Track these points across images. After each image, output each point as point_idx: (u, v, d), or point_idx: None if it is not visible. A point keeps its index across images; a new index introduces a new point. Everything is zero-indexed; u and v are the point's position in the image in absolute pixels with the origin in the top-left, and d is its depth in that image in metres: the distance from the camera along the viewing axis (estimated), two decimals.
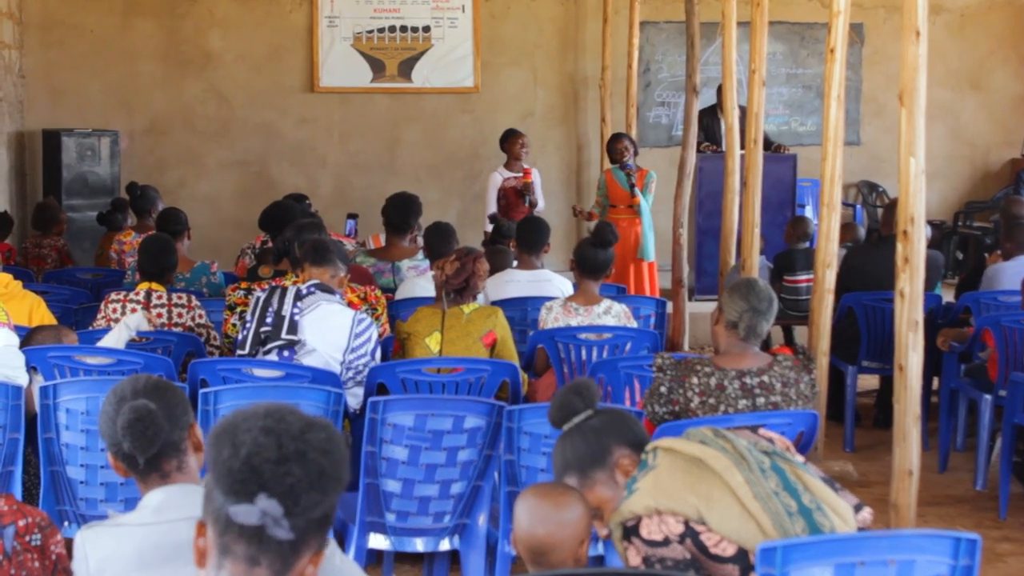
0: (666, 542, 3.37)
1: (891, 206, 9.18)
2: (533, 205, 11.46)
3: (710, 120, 12.56)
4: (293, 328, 5.94)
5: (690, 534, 3.35)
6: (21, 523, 3.36)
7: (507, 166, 11.71)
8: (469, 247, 6.60)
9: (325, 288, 6.10)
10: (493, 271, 7.51)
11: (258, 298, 6.10)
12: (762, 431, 3.76)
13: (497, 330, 6.44)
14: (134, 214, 10.43)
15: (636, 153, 11.69)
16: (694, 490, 3.40)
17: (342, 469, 2.38)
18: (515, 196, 11.52)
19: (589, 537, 3.52)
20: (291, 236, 6.91)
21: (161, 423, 3.19)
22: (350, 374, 6.02)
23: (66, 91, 13.90)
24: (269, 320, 5.98)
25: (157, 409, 3.20)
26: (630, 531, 3.41)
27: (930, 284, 8.10)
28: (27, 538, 3.36)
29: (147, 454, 3.19)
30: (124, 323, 6.22)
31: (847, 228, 9.43)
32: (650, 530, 3.38)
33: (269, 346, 5.95)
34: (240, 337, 6.10)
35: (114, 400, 3.27)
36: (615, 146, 11.61)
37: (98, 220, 11.29)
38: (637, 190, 11.28)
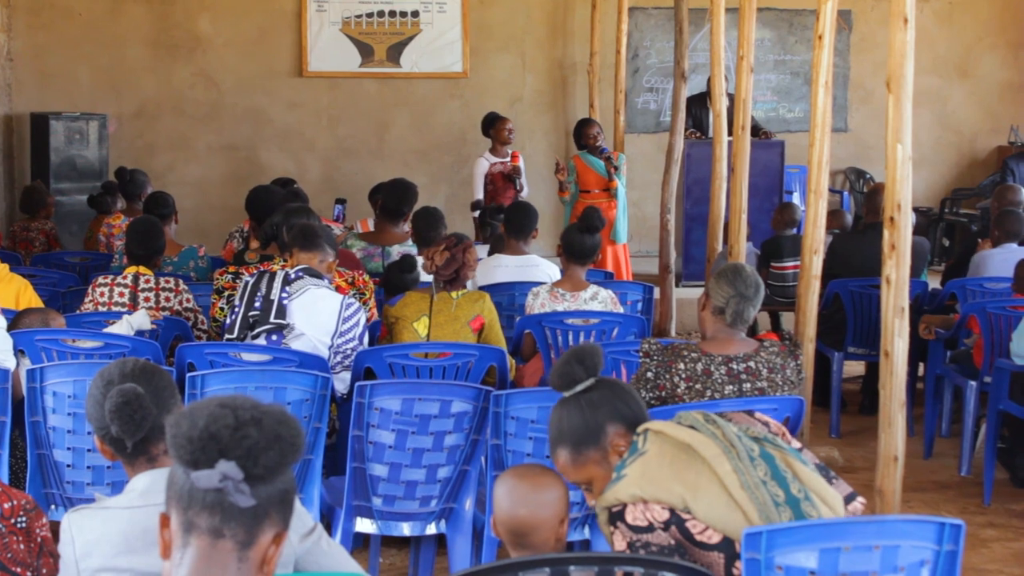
0: (651, 528, 3.38)
1: (873, 193, 9.20)
2: (520, 190, 11.44)
3: (699, 108, 12.57)
4: (281, 312, 5.96)
5: (675, 521, 3.36)
6: (6, 505, 3.36)
7: (492, 151, 11.67)
8: (458, 235, 6.58)
9: (313, 273, 6.11)
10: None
11: (247, 282, 6.11)
12: (758, 415, 3.76)
13: (485, 315, 6.45)
14: (124, 198, 10.42)
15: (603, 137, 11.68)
16: (681, 479, 3.39)
17: (298, 437, 2.44)
18: (503, 181, 11.51)
19: (568, 516, 3.54)
20: (279, 220, 6.91)
21: (149, 407, 3.20)
22: (338, 359, 6.03)
23: (55, 74, 13.86)
24: (258, 304, 5.99)
25: (145, 393, 3.20)
26: (615, 516, 3.43)
27: (916, 271, 8.12)
28: (12, 520, 3.36)
29: (135, 438, 3.20)
30: (127, 321, 6.23)
31: (833, 215, 9.44)
32: (635, 516, 3.39)
33: (257, 330, 5.97)
34: (228, 321, 6.11)
35: (101, 384, 3.27)
36: (587, 131, 11.54)
37: (88, 203, 11.29)
38: (616, 175, 11.24)
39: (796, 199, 12.75)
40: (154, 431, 3.21)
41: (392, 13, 14.32)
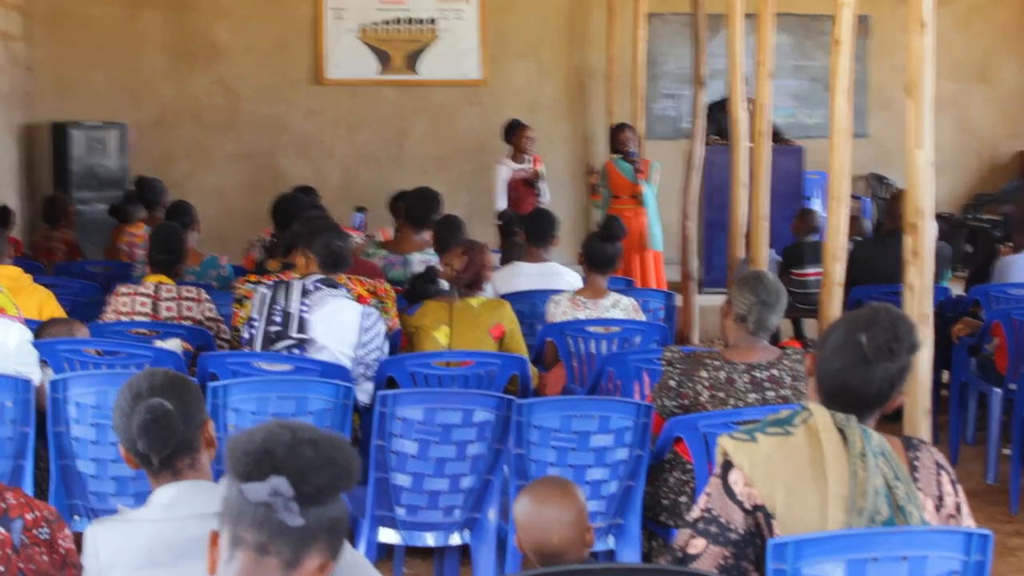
0: (740, 503, 3.28)
1: (894, 198, 9.18)
2: (541, 195, 11.47)
3: (721, 114, 12.54)
4: (303, 326, 5.92)
5: (764, 513, 3.27)
6: (29, 517, 3.36)
7: (513, 158, 11.70)
8: (471, 240, 6.62)
9: (331, 283, 6.09)
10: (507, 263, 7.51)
11: (264, 295, 6.05)
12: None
13: (505, 323, 6.44)
14: (145, 207, 10.44)
15: (638, 143, 11.70)
16: (791, 491, 3.25)
17: (353, 464, 2.44)
18: (524, 187, 11.52)
19: (591, 525, 3.54)
20: (300, 229, 6.89)
21: (176, 424, 3.17)
22: (360, 369, 6.01)
23: (74, 84, 13.90)
24: (277, 319, 5.95)
25: (173, 409, 3.17)
26: (725, 466, 3.32)
27: (937, 276, 8.09)
28: (35, 532, 3.35)
29: (162, 454, 3.17)
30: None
31: (852, 221, 9.41)
32: (735, 480, 3.31)
33: (279, 345, 5.93)
34: (247, 336, 6.07)
35: (129, 396, 3.22)
36: (618, 136, 11.63)
37: (110, 212, 11.30)
38: (640, 178, 11.27)
39: (817, 205, 12.72)
40: (181, 446, 3.19)
41: (409, 20, 14.33)
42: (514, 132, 11.80)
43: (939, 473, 3.40)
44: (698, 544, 3.28)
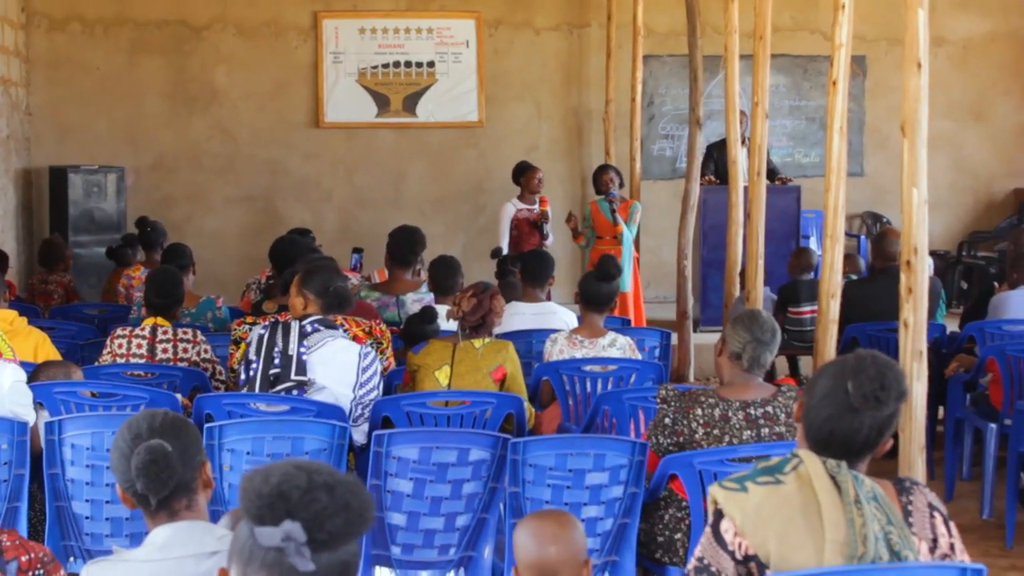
0: (732, 553, 3.27)
1: (881, 238, 9.22)
2: (546, 237, 11.54)
3: (721, 154, 12.59)
4: (302, 368, 5.89)
5: (757, 563, 3.27)
6: (24, 559, 3.36)
7: (520, 198, 11.79)
8: (485, 283, 6.58)
9: (328, 324, 6.08)
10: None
11: (260, 336, 6.03)
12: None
13: (507, 365, 6.41)
14: (144, 249, 10.46)
15: (622, 184, 11.78)
16: (783, 540, 3.23)
17: (368, 510, 2.41)
18: (528, 228, 11.59)
19: (590, 560, 3.54)
20: (301, 270, 6.89)
21: (175, 466, 3.17)
22: (359, 410, 5.99)
23: (73, 128, 13.96)
24: (277, 360, 5.93)
25: (172, 451, 3.17)
26: (717, 515, 3.32)
27: (931, 312, 8.11)
28: (30, 574, 3.36)
29: (160, 496, 3.17)
30: None
31: (847, 260, 9.45)
32: (726, 528, 3.30)
33: (279, 387, 5.91)
34: (244, 377, 6.05)
35: (129, 437, 3.22)
36: (601, 177, 11.73)
37: (107, 254, 11.33)
38: (619, 218, 11.35)
39: (813, 244, 12.75)
40: (179, 487, 3.19)
41: (408, 64, 14.40)
42: (523, 174, 11.89)
43: (932, 515, 3.39)
44: None
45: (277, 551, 2.35)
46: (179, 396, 6.29)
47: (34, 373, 6.03)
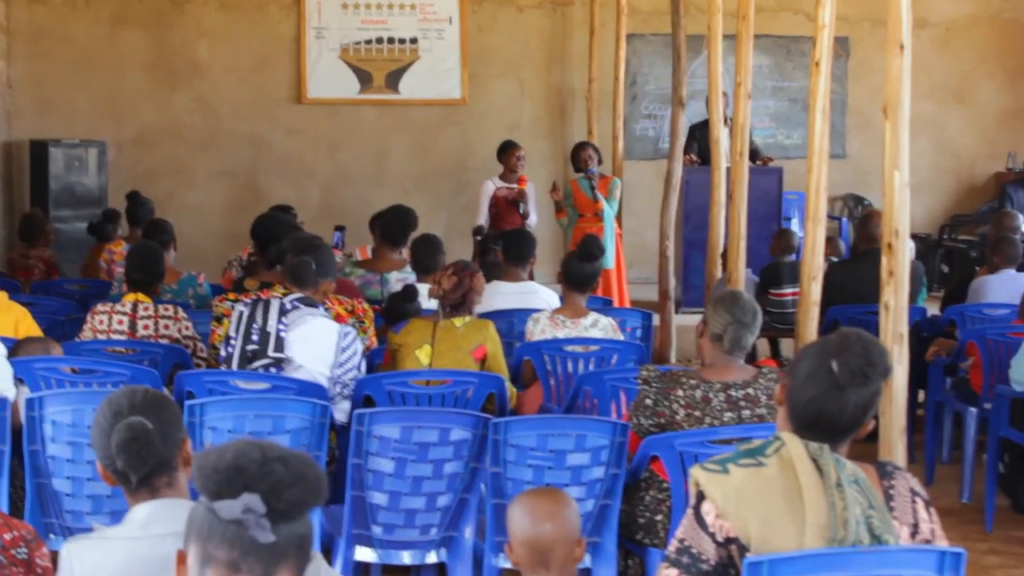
0: (712, 535, 3.27)
1: (865, 219, 9.23)
2: (525, 216, 11.52)
3: (704, 134, 12.58)
4: (280, 345, 5.91)
5: (739, 546, 3.27)
6: (7, 536, 3.35)
7: (501, 176, 11.78)
8: (465, 261, 6.59)
9: (309, 302, 6.08)
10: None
11: (241, 313, 6.03)
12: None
13: (488, 344, 6.42)
14: (129, 223, 10.42)
15: (600, 161, 11.75)
16: (764, 522, 3.22)
17: (322, 481, 2.46)
18: (506, 206, 11.58)
19: (583, 539, 3.55)
20: (288, 246, 6.86)
21: (156, 443, 3.16)
22: (338, 389, 6.01)
23: (53, 101, 13.89)
24: (255, 337, 5.94)
25: (153, 428, 3.16)
26: (699, 496, 3.30)
27: (912, 295, 8.12)
28: (13, 551, 3.35)
29: (140, 473, 3.17)
30: None
31: (828, 243, 9.45)
32: (707, 510, 3.30)
33: (256, 364, 5.92)
34: (224, 354, 6.06)
35: (109, 413, 3.21)
36: (579, 155, 11.73)
37: (88, 230, 11.29)
38: (599, 195, 11.33)
39: (794, 226, 12.76)
40: (159, 465, 3.18)
41: (391, 40, 14.35)
42: (505, 152, 11.89)
43: (914, 500, 3.39)
44: (671, 574, 3.28)
45: (237, 524, 2.39)
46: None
47: (13, 349, 6.02)
